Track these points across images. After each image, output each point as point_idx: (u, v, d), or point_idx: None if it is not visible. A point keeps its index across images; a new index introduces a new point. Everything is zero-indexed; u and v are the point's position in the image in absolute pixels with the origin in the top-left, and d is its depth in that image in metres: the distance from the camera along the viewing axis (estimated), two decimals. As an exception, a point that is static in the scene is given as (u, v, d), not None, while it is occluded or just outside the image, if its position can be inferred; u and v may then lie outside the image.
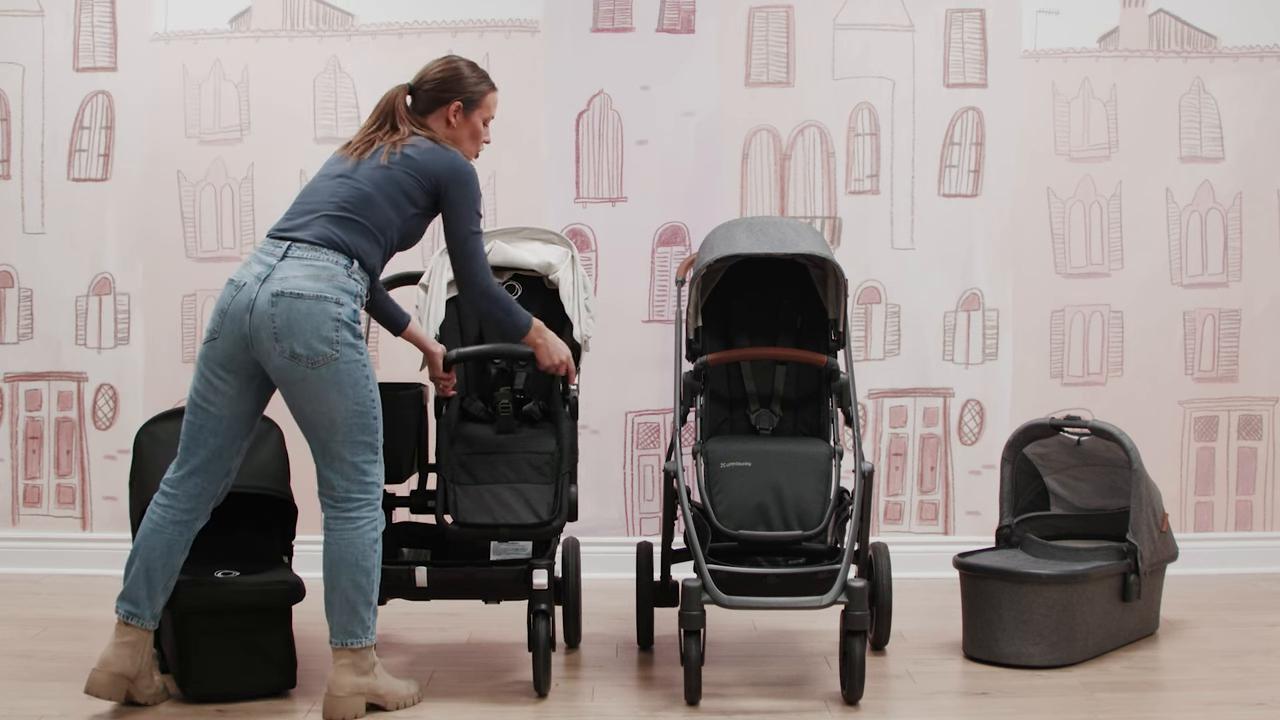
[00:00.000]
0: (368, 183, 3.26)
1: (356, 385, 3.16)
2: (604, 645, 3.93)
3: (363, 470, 3.21)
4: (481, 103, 3.42)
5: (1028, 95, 4.81)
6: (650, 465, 4.80)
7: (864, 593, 3.32)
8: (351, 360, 3.15)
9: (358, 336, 3.18)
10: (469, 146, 3.44)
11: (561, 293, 3.75)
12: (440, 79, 3.40)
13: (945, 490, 4.85)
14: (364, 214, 3.24)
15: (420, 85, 3.42)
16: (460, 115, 3.40)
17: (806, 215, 4.79)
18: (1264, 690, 3.52)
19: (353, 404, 3.17)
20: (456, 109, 3.40)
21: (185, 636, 3.34)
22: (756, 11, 4.78)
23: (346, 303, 3.16)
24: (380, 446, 3.24)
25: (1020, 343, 4.83)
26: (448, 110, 3.39)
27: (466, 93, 3.40)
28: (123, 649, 3.25)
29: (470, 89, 3.41)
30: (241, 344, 3.16)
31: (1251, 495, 4.90)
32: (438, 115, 3.40)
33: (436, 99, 3.40)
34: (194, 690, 3.35)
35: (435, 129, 3.39)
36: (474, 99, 3.41)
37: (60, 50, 4.75)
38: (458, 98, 3.40)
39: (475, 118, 3.43)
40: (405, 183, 3.27)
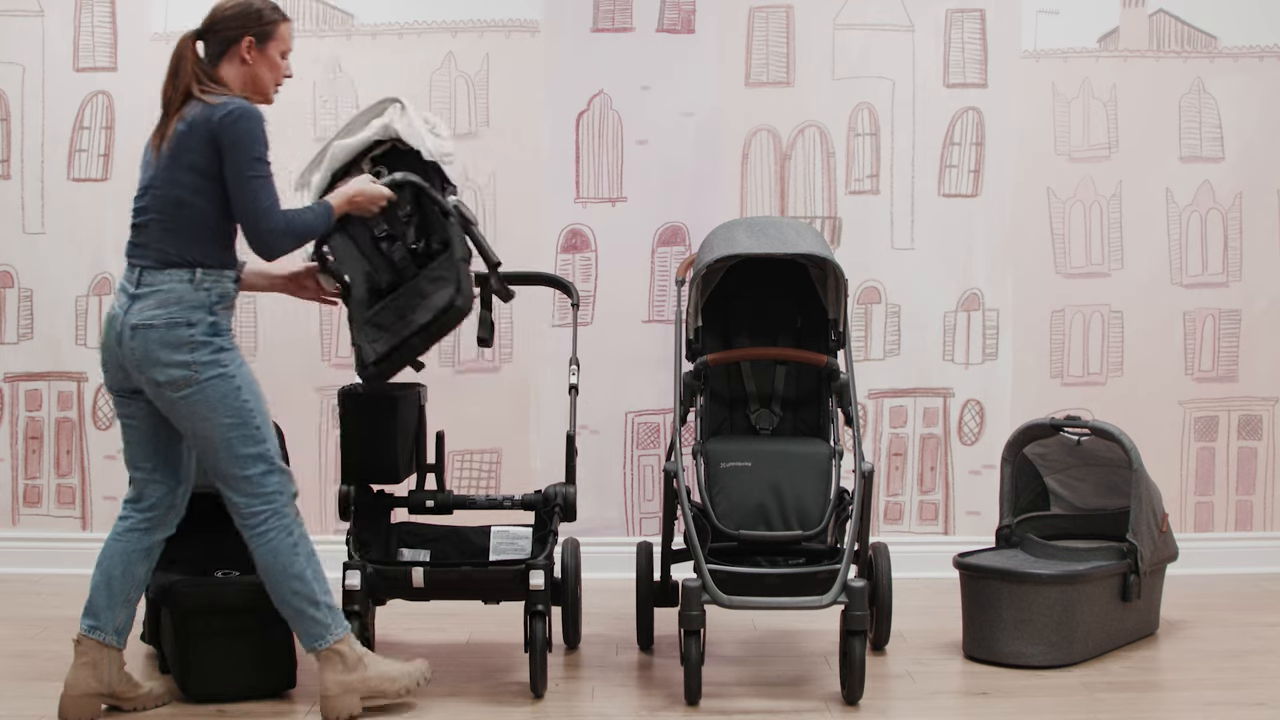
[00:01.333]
0: (167, 185, 3.16)
1: (225, 400, 3.13)
2: (604, 645, 3.93)
3: (256, 482, 3.17)
4: (275, 34, 3.28)
5: (1028, 95, 4.81)
6: (650, 465, 4.80)
7: (864, 593, 3.32)
8: (214, 376, 3.12)
9: (219, 350, 3.13)
10: (268, 81, 3.31)
11: (407, 139, 3.57)
12: (228, 17, 3.25)
13: (945, 490, 4.85)
14: (181, 218, 3.15)
15: (210, 28, 3.27)
16: (254, 50, 3.25)
17: (806, 215, 4.79)
18: (1264, 690, 3.52)
19: (225, 419, 3.13)
20: (249, 44, 3.24)
21: (185, 636, 3.34)
22: (756, 11, 4.78)
23: (199, 320, 3.11)
24: (271, 453, 3.19)
25: (1020, 343, 4.83)
26: (240, 48, 3.24)
27: (257, 26, 3.25)
28: (83, 669, 3.23)
29: (261, 22, 3.25)
30: (124, 372, 3.18)
31: (1251, 495, 4.90)
32: (231, 56, 3.25)
33: (228, 39, 3.24)
34: (194, 690, 3.35)
35: (228, 75, 3.25)
36: (267, 32, 3.26)
37: (60, 50, 4.74)
38: (248, 33, 3.24)
39: (270, 51, 3.27)
40: (195, 162, 3.14)
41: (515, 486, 4.67)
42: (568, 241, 4.77)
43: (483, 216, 4.76)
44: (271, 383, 4.67)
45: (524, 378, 4.78)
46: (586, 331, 4.69)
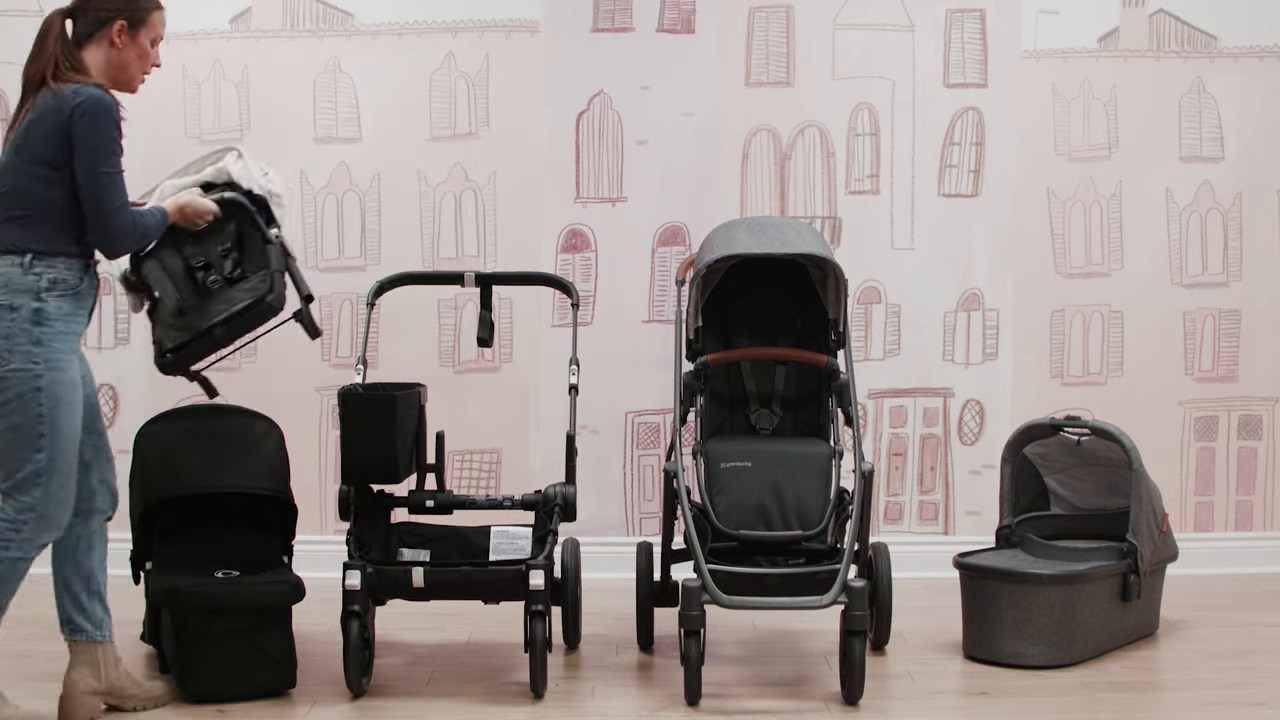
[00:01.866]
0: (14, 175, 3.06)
1: (22, 396, 2.99)
2: (604, 645, 3.93)
3: (9, 484, 3.05)
4: (148, 21, 3.19)
5: (1028, 95, 4.81)
6: (650, 465, 4.80)
7: (864, 593, 3.32)
8: (19, 369, 2.99)
9: (36, 342, 2.99)
10: (135, 69, 3.24)
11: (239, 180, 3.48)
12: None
13: (945, 490, 4.85)
14: (24, 207, 3.05)
15: (82, 6, 3.20)
16: (125, 35, 3.16)
17: (806, 215, 4.79)
18: (1264, 690, 3.52)
19: (13, 415, 3.00)
20: (120, 28, 3.15)
21: (185, 636, 3.34)
22: (756, 11, 4.78)
23: (22, 305, 2.99)
24: (40, 473, 3.02)
25: (1020, 343, 4.83)
26: (110, 31, 3.15)
27: (130, 10, 3.16)
28: (81, 669, 3.23)
29: (135, 6, 3.17)
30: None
31: (1251, 495, 4.90)
32: (100, 38, 3.16)
33: (99, 20, 3.15)
34: (194, 690, 3.35)
35: (93, 59, 3.17)
36: (140, 17, 3.18)
37: (60, 50, 4.74)
38: (120, 16, 3.15)
39: (142, 37, 3.19)
40: (41, 153, 3.04)
41: (515, 486, 4.67)
42: (568, 241, 4.77)
43: (483, 216, 4.77)
44: (271, 383, 4.69)
45: (524, 378, 4.78)
46: (586, 331, 4.69)
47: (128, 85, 3.24)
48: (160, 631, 3.54)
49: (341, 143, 4.75)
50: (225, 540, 3.53)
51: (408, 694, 3.48)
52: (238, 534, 3.58)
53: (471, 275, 3.92)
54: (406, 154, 4.76)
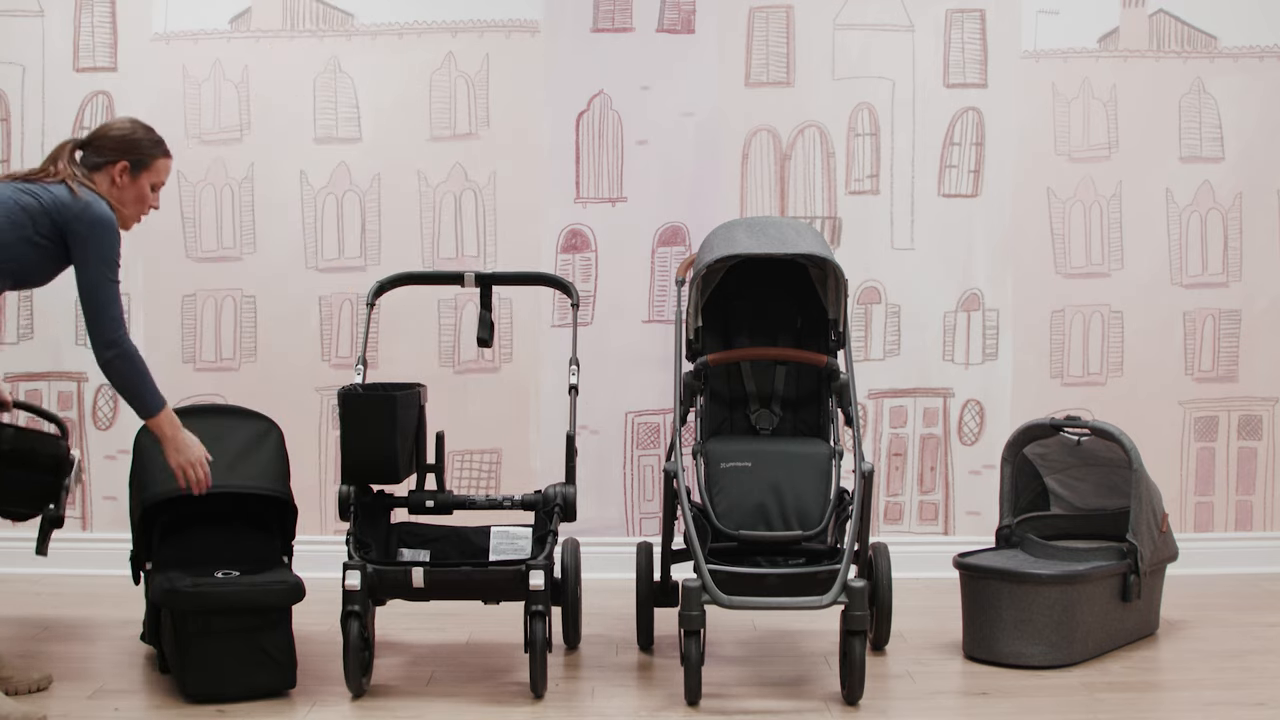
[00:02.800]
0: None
1: None
2: (604, 645, 3.93)
3: None
4: (151, 166, 3.37)
5: (1028, 95, 4.81)
6: (650, 465, 4.80)
7: (864, 593, 3.32)
8: None
9: None
10: (132, 210, 3.38)
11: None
12: (110, 137, 3.35)
13: (945, 490, 4.85)
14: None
15: (91, 141, 3.36)
16: (126, 176, 3.34)
17: (806, 215, 4.79)
18: (1264, 690, 3.52)
19: None
20: (123, 169, 3.34)
21: (185, 636, 3.34)
22: (756, 11, 4.78)
23: None
24: None
25: (1020, 343, 4.83)
26: (114, 170, 3.33)
27: (135, 154, 3.34)
28: None
29: (140, 151, 3.35)
30: None
31: (1251, 495, 4.90)
32: (104, 173, 3.33)
33: (105, 158, 3.33)
34: (194, 690, 3.35)
35: (99, 185, 3.32)
36: (143, 162, 3.35)
37: (60, 50, 4.75)
38: (124, 158, 3.33)
39: (143, 180, 3.36)
40: (29, 204, 3.19)
41: (515, 486, 4.67)
42: (568, 241, 4.77)
43: (483, 216, 4.77)
44: (271, 383, 4.69)
45: (524, 378, 4.78)
46: (586, 331, 4.70)
47: (120, 223, 3.35)
48: (160, 631, 3.54)
49: (341, 143, 4.75)
50: (225, 540, 3.53)
51: (408, 694, 3.48)
52: (238, 534, 3.58)
53: (471, 275, 3.92)
54: (406, 154, 4.76)
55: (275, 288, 4.74)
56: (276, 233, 4.76)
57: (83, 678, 3.57)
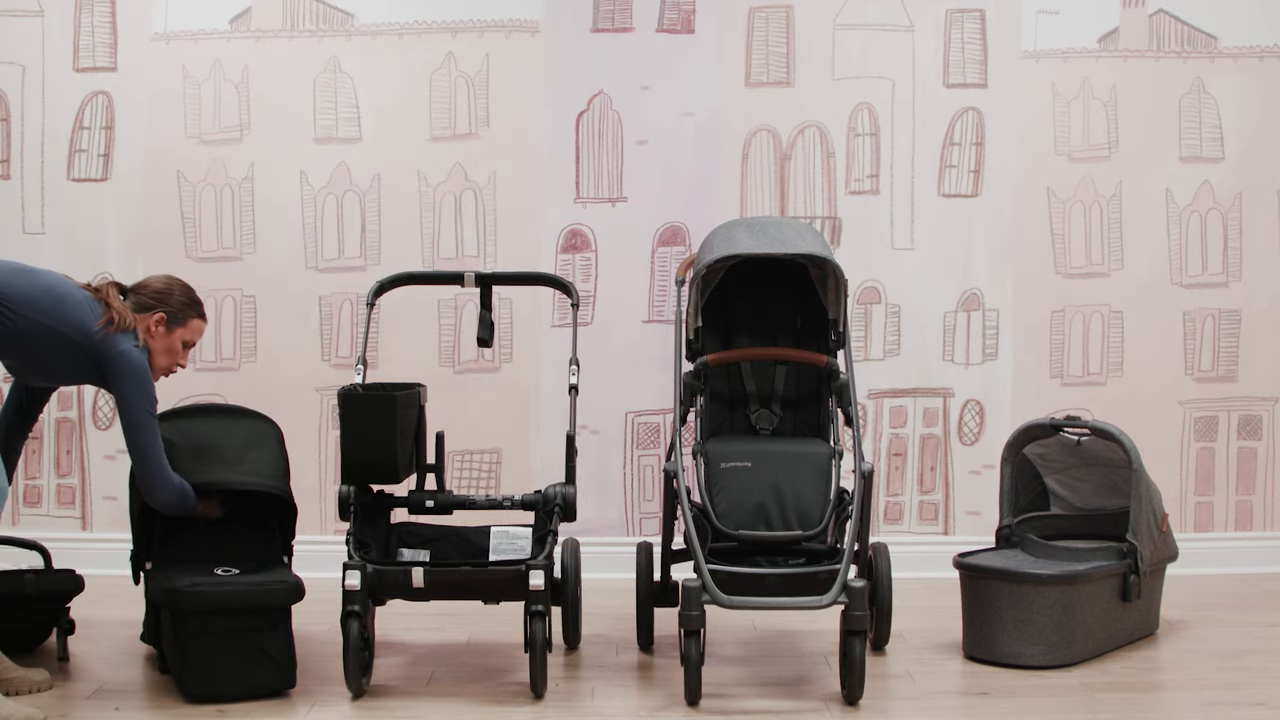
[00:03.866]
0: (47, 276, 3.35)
1: None
2: (604, 645, 3.93)
3: None
4: (187, 324, 3.49)
5: (1028, 95, 4.81)
6: (650, 465, 4.80)
7: (864, 593, 3.32)
8: None
9: None
10: (161, 360, 3.47)
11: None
12: (151, 289, 3.47)
13: (945, 490, 4.85)
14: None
15: (135, 288, 3.48)
16: (161, 328, 3.45)
17: (806, 215, 4.79)
18: (1264, 690, 3.52)
19: None
20: (159, 320, 3.45)
21: (185, 636, 3.34)
22: (756, 11, 4.78)
23: None
24: None
25: (1020, 343, 4.83)
26: (150, 319, 3.43)
27: (172, 308, 3.46)
28: None
29: (177, 306, 3.48)
30: None
31: (1251, 495, 4.90)
32: (141, 320, 3.43)
33: (144, 305, 3.45)
34: (193, 690, 3.35)
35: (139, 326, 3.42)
36: (178, 317, 3.47)
37: (60, 50, 4.75)
38: (162, 309, 3.45)
39: (175, 336, 3.48)
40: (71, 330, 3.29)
41: (515, 486, 4.67)
42: (568, 241, 4.77)
43: (483, 216, 4.77)
44: (271, 383, 4.69)
45: (524, 378, 4.78)
46: (586, 331, 4.70)
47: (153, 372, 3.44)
48: (160, 631, 3.54)
49: (341, 143, 4.75)
50: (225, 539, 3.53)
51: (408, 694, 3.47)
52: (238, 533, 3.58)
53: (471, 275, 3.92)
54: (406, 154, 4.76)
55: (275, 288, 4.74)
56: (276, 233, 4.76)
57: (83, 678, 3.57)
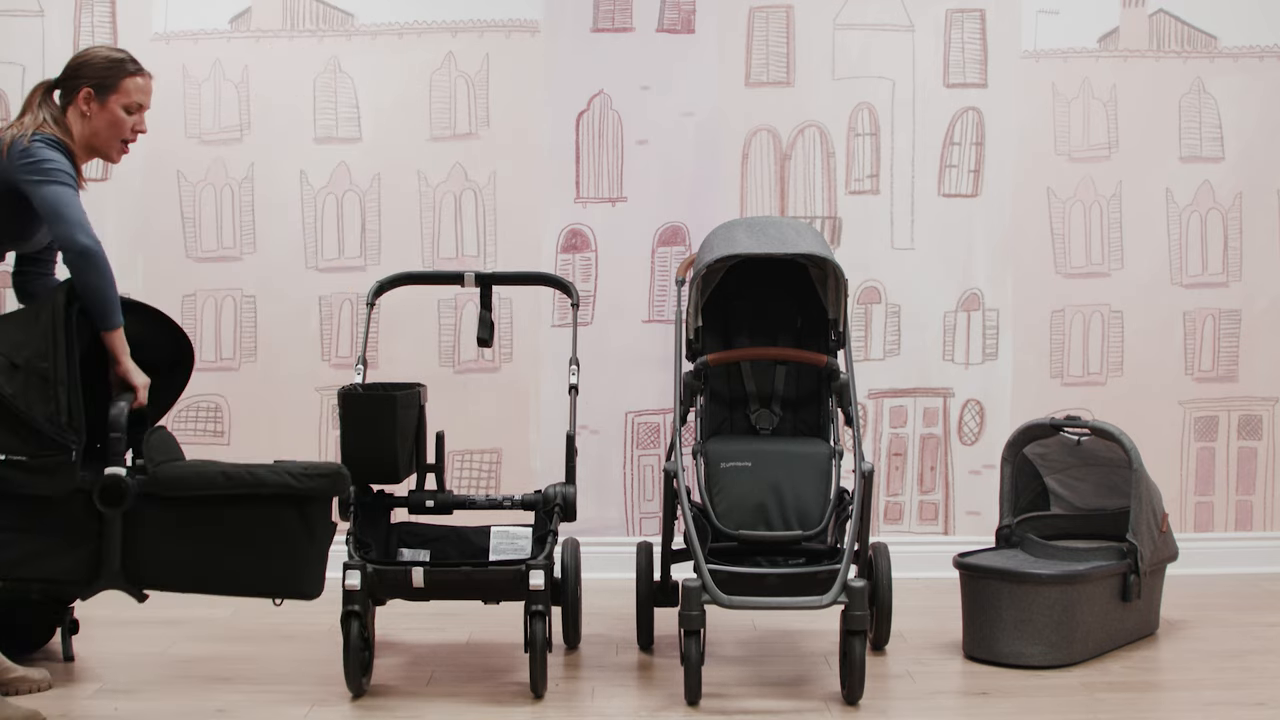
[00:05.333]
0: None
1: None
2: (604, 645, 3.93)
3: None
4: (119, 87, 3.20)
5: (1028, 95, 4.81)
6: (650, 465, 4.80)
7: (864, 593, 3.32)
8: None
9: None
10: (108, 136, 3.25)
11: None
12: (72, 65, 3.22)
13: (945, 490, 4.85)
14: None
15: (62, 76, 3.24)
16: (94, 103, 3.20)
17: (806, 215, 4.79)
18: (1264, 690, 3.52)
19: None
20: (87, 96, 3.19)
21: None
22: (756, 11, 4.78)
23: None
24: None
25: (1020, 343, 4.83)
26: (79, 99, 3.19)
27: (96, 78, 3.19)
28: None
29: (99, 72, 3.19)
30: None
31: (1251, 495, 4.90)
32: (75, 107, 3.21)
33: (71, 89, 3.20)
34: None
35: (74, 126, 3.22)
36: (107, 84, 3.20)
37: (60, 50, 4.73)
38: (86, 84, 3.19)
39: (112, 105, 3.21)
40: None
41: (515, 486, 4.67)
42: (568, 241, 4.77)
43: (483, 216, 4.77)
44: (271, 383, 4.69)
45: (524, 378, 4.78)
46: (586, 331, 4.69)
47: (104, 154, 3.27)
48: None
49: (341, 143, 4.75)
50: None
51: (408, 694, 3.48)
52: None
53: (471, 275, 3.92)
54: (406, 154, 4.76)
55: (275, 288, 4.74)
56: (276, 233, 4.75)
57: (83, 678, 3.57)
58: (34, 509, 2.93)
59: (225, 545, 3.12)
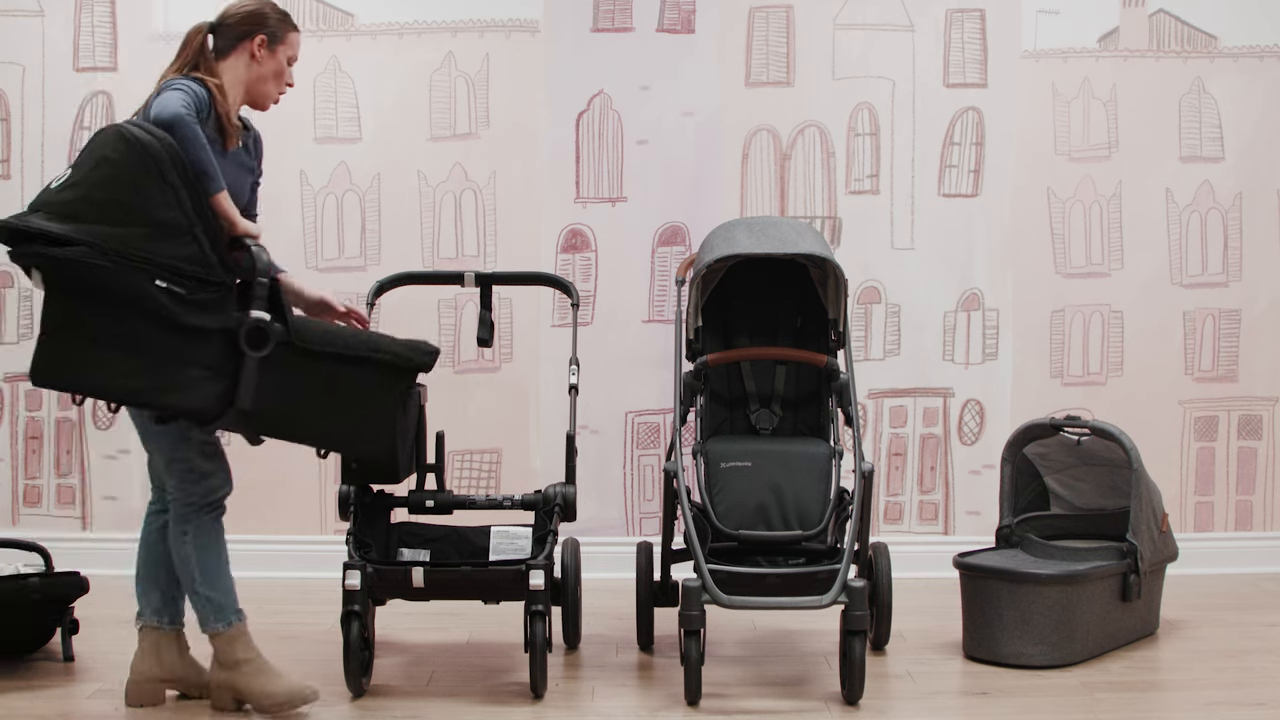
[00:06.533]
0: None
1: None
2: (604, 645, 3.93)
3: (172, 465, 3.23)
4: (285, 39, 3.36)
5: (1028, 95, 4.81)
6: (650, 465, 4.80)
7: (864, 593, 3.32)
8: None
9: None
10: (272, 86, 3.37)
11: None
12: (244, 13, 3.33)
13: (945, 490, 4.85)
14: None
15: (223, 21, 3.33)
16: (265, 49, 3.32)
17: (806, 215, 4.79)
18: (1264, 690, 3.52)
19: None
20: (261, 42, 3.31)
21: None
22: (756, 11, 4.78)
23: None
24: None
25: (1020, 343, 4.83)
26: (251, 44, 3.30)
27: (270, 27, 3.33)
28: (145, 655, 3.33)
29: (274, 25, 3.34)
30: None
31: (1251, 495, 4.90)
32: (240, 51, 3.30)
33: (240, 34, 3.31)
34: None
35: (230, 72, 3.30)
36: (278, 34, 3.34)
37: (60, 50, 4.74)
38: (261, 31, 3.31)
39: (279, 54, 3.35)
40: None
41: (515, 486, 4.67)
42: (568, 241, 4.77)
43: (483, 216, 4.77)
44: (271, 383, 4.67)
45: (524, 378, 4.78)
46: (586, 331, 4.69)
47: (262, 100, 3.39)
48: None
49: (341, 143, 4.75)
50: None
51: (408, 694, 3.48)
52: None
53: (471, 275, 3.92)
54: (406, 154, 4.76)
55: (275, 288, 4.74)
56: (276, 233, 4.75)
57: (83, 678, 3.57)
58: (186, 340, 3.00)
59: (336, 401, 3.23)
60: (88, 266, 2.87)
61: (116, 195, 2.94)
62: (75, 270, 2.87)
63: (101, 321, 2.91)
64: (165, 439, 3.20)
